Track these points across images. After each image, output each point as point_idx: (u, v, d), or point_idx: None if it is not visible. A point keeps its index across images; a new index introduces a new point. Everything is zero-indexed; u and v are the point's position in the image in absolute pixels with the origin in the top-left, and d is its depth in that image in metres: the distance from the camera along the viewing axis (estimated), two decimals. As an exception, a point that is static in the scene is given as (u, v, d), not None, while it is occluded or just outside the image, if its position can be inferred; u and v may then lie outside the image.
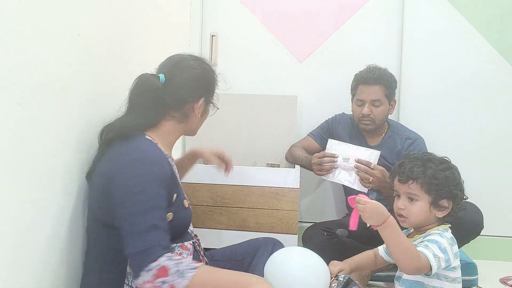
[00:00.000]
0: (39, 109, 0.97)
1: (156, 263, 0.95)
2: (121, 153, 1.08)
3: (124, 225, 1.00)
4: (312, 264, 1.21)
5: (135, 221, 0.99)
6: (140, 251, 0.96)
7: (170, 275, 0.94)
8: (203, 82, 1.22)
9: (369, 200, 1.17)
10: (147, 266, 0.95)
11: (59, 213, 1.07)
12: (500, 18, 2.16)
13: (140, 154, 1.06)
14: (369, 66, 1.89)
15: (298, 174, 1.81)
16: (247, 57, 2.33)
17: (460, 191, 1.25)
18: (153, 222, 0.99)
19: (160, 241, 0.98)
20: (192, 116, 1.21)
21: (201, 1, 2.34)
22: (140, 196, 1.01)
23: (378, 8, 2.25)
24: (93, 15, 1.20)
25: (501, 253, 2.17)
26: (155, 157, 1.08)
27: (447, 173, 1.25)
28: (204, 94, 1.22)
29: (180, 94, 1.18)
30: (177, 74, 1.18)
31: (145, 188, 1.01)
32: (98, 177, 1.11)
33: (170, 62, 1.22)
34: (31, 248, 0.97)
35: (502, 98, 2.17)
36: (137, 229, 0.98)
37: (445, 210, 1.24)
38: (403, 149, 1.88)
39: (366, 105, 1.84)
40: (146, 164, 1.05)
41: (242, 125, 2.15)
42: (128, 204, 1.01)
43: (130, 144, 1.09)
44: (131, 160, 1.05)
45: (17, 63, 0.89)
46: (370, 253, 1.46)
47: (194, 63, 1.21)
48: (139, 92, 1.16)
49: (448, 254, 1.18)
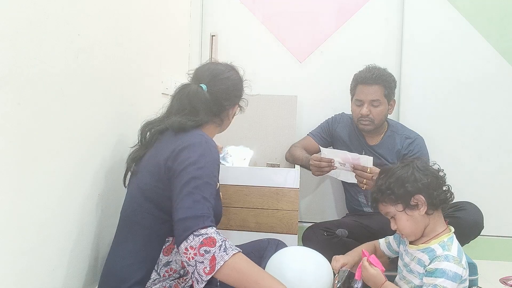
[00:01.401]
0: (39, 109, 0.97)
1: (205, 231, 0.99)
2: (184, 137, 1.15)
3: (179, 194, 1.05)
4: (314, 264, 1.21)
5: (190, 191, 1.04)
6: (192, 216, 1.01)
7: (215, 247, 0.98)
8: (238, 91, 1.36)
9: (369, 268, 1.27)
10: (197, 231, 0.99)
11: (57, 213, 1.07)
12: (500, 18, 2.16)
13: (203, 139, 1.15)
14: (368, 66, 1.89)
15: (298, 174, 1.80)
16: (247, 57, 2.33)
17: (417, 181, 1.25)
18: (205, 195, 1.05)
19: (210, 214, 1.04)
20: (226, 120, 1.35)
21: (201, 1, 2.34)
22: (199, 170, 1.07)
23: (378, 8, 2.25)
24: (93, 15, 1.20)
25: (501, 253, 2.17)
26: (214, 144, 1.17)
27: (397, 175, 1.27)
28: (238, 101, 1.37)
29: (222, 103, 1.30)
30: (218, 86, 1.30)
31: (205, 165, 1.08)
32: (152, 158, 1.17)
33: (210, 73, 1.31)
34: (27, 248, 0.97)
35: (502, 98, 2.18)
36: (191, 197, 1.03)
37: (422, 207, 1.25)
38: (403, 148, 1.89)
39: (365, 105, 1.84)
40: (209, 147, 1.13)
41: (242, 125, 2.15)
42: (187, 176, 1.06)
43: (190, 133, 1.18)
44: (196, 142, 1.13)
45: (17, 63, 0.89)
46: (371, 244, 1.48)
47: (231, 74, 1.34)
48: (188, 100, 1.25)
49: (458, 277, 1.18)
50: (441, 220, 1.30)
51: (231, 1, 2.34)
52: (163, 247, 1.15)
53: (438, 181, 1.27)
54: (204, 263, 0.98)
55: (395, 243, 1.44)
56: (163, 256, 1.15)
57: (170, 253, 1.16)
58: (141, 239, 1.14)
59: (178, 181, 1.07)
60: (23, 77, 0.91)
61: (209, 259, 0.98)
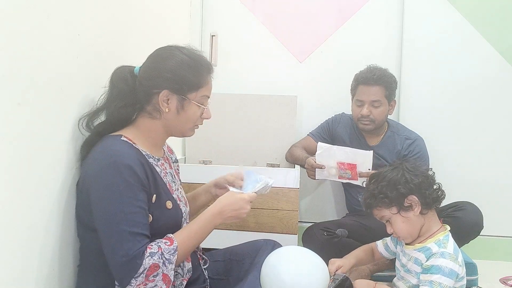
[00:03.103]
0: (39, 109, 0.97)
1: (143, 267, 0.96)
2: (94, 158, 1.05)
3: (103, 236, 1.00)
4: (309, 265, 1.21)
5: (112, 233, 0.98)
6: (124, 262, 0.96)
7: (160, 268, 0.98)
8: (168, 73, 1.09)
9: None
10: (136, 273, 0.96)
11: (58, 213, 1.07)
12: (500, 18, 2.15)
13: (111, 160, 1.01)
14: (369, 67, 1.89)
15: (298, 174, 1.81)
16: (247, 57, 2.33)
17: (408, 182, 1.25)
18: (130, 229, 0.98)
19: (140, 246, 0.98)
20: (164, 112, 1.11)
21: (201, 1, 2.34)
22: (114, 205, 0.99)
23: (378, 8, 2.25)
24: (93, 15, 1.20)
25: (501, 253, 2.17)
26: (127, 160, 1.02)
27: (388, 178, 1.27)
28: (169, 86, 1.09)
29: (146, 85, 1.10)
30: (146, 64, 1.13)
31: (118, 196, 0.99)
32: (80, 183, 1.10)
33: (151, 54, 1.16)
34: (28, 249, 0.97)
35: (502, 98, 2.17)
36: (116, 239, 0.97)
37: (416, 207, 1.25)
38: (403, 149, 1.89)
39: (365, 105, 1.84)
40: (118, 170, 1.00)
41: (242, 125, 2.14)
42: (104, 215, 1.00)
43: (102, 148, 1.06)
44: (102, 167, 1.02)
45: (17, 63, 0.89)
46: (368, 247, 1.48)
47: (166, 51, 1.13)
48: (112, 85, 1.13)
49: (454, 274, 1.18)
50: (436, 219, 1.31)
51: (231, 1, 2.34)
52: None
53: (429, 181, 1.28)
54: (158, 285, 0.99)
55: (393, 244, 1.44)
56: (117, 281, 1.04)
57: None
58: (92, 259, 1.09)
59: (99, 222, 1.00)
60: (23, 77, 0.91)
61: (161, 279, 0.99)
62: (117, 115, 1.11)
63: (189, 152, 2.16)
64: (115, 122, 1.12)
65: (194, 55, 1.14)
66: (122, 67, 1.16)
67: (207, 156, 2.13)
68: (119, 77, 1.13)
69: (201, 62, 1.14)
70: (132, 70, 1.15)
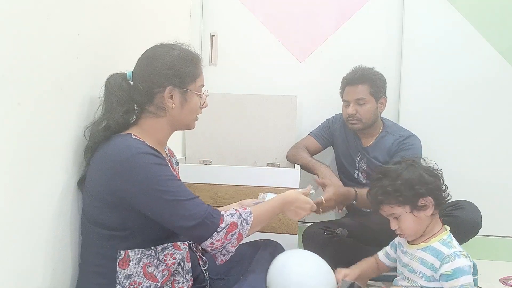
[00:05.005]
0: (39, 109, 0.97)
1: (225, 223, 1.06)
2: (109, 155, 1.04)
3: (165, 216, 1.02)
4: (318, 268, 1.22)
5: (173, 206, 1.02)
6: (200, 221, 1.02)
7: (237, 227, 1.08)
8: (166, 70, 1.12)
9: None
10: (217, 228, 1.05)
11: (57, 213, 1.07)
12: (500, 18, 2.15)
13: (131, 153, 1.02)
14: (354, 68, 1.92)
15: (298, 174, 1.80)
16: (247, 57, 2.33)
17: (428, 183, 1.25)
18: (188, 197, 1.04)
19: (206, 206, 1.07)
20: (169, 108, 1.13)
21: (201, 1, 2.34)
22: (160, 185, 1.01)
23: (378, 8, 2.25)
24: (93, 15, 1.20)
25: (501, 253, 2.17)
26: (146, 149, 1.04)
27: (405, 176, 1.26)
28: (171, 82, 1.12)
29: (145, 87, 1.12)
30: (139, 67, 1.15)
31: (157, 174, 1.02)
32: (90, 182, 1.09)
33: (140, 57, 1.17)
34: (29, 249, 0.98)
35: (502, 98, 2.17)
36: (180, 210, 1.02)
37: (429, 208, 1.25)
38: (393, 145, 1.87)
39: (350, 104, 1.85)
40: (142, 157, 1.02)
41: (242, 125, 2.14)
42: (155, 197, 1.01)
43: (115, 145, 1.06)
44: (123, 160, 1.01)
45: (17, 63, 0.89)
46: (371, 260, 1.47)
47: (157, 51, 1.15)
48: (110, 94, 1.14)
49: (470, 269, 1.19)
50: (438, 219, 1.32)
51: (231, 1, 2.34)
52: (117, 262, 1.05)
53: (441, 182, 1.28)
54: (232, 242, 1.08)
55: (392, 250, 1.44)
56: (120, 269, 1.06)
57: (128, 266, 1.06)
58: (94, 257, 1.08)
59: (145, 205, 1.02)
60: (23, 77, 0.91)
61: (236, 237, 1.08)
62: (122, 122, 1.13)
63: (189, 152, 2.16)
64: (120, 127, 1.13)
65: (183, 49, 1.18)
66: (114, 74, 1.17)
67: (207, 156, 2.13)
68: (115, 85, 1.14)
69: (191, 53, 1.19)
70: (125, 76, 1.16)
